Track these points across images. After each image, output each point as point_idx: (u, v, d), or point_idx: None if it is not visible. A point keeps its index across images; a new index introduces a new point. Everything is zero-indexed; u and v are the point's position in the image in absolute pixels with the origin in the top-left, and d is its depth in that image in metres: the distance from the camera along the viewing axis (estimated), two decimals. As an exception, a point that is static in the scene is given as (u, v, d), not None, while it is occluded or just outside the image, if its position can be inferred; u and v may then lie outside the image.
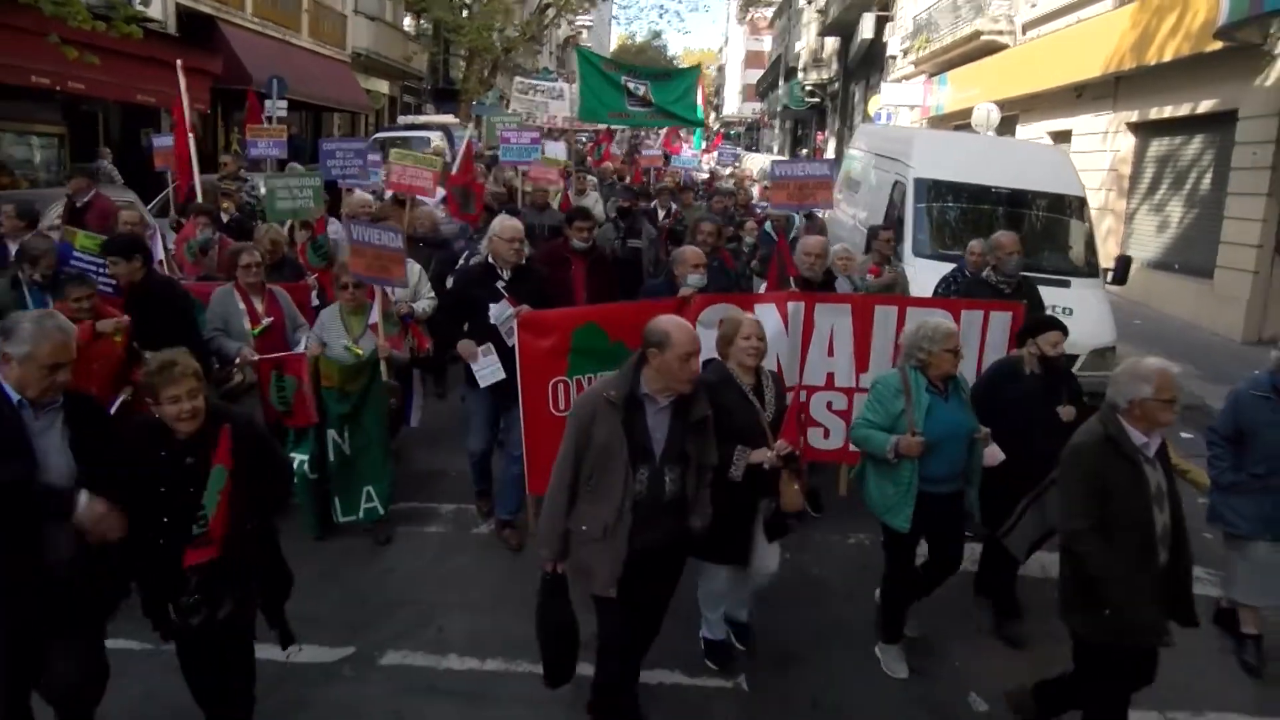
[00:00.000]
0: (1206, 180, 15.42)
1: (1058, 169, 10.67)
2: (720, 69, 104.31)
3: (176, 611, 3.70)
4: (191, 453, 3.66)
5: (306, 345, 6.21)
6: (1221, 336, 13.76)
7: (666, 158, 19.54)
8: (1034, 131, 21.91)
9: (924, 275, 9.07)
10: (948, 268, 9.01)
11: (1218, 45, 13.44)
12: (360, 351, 6.14)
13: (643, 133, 25.56)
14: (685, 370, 3.97)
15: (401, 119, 30.14)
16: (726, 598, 5.12)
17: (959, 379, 5.11)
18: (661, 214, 12.22)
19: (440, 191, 10.70)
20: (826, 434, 6.52)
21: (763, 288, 7.42)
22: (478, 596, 5.79)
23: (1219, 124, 14.75)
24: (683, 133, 22.35)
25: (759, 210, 13.51)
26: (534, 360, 5.79)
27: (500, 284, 6.18)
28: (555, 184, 12.33)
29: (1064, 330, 5.52)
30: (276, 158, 12.55)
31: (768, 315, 6.09)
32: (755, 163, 30.46)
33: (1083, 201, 10.32)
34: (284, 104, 21.11)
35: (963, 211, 10.30)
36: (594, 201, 12.69)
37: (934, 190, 10.29)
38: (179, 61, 8.02)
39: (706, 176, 20.90)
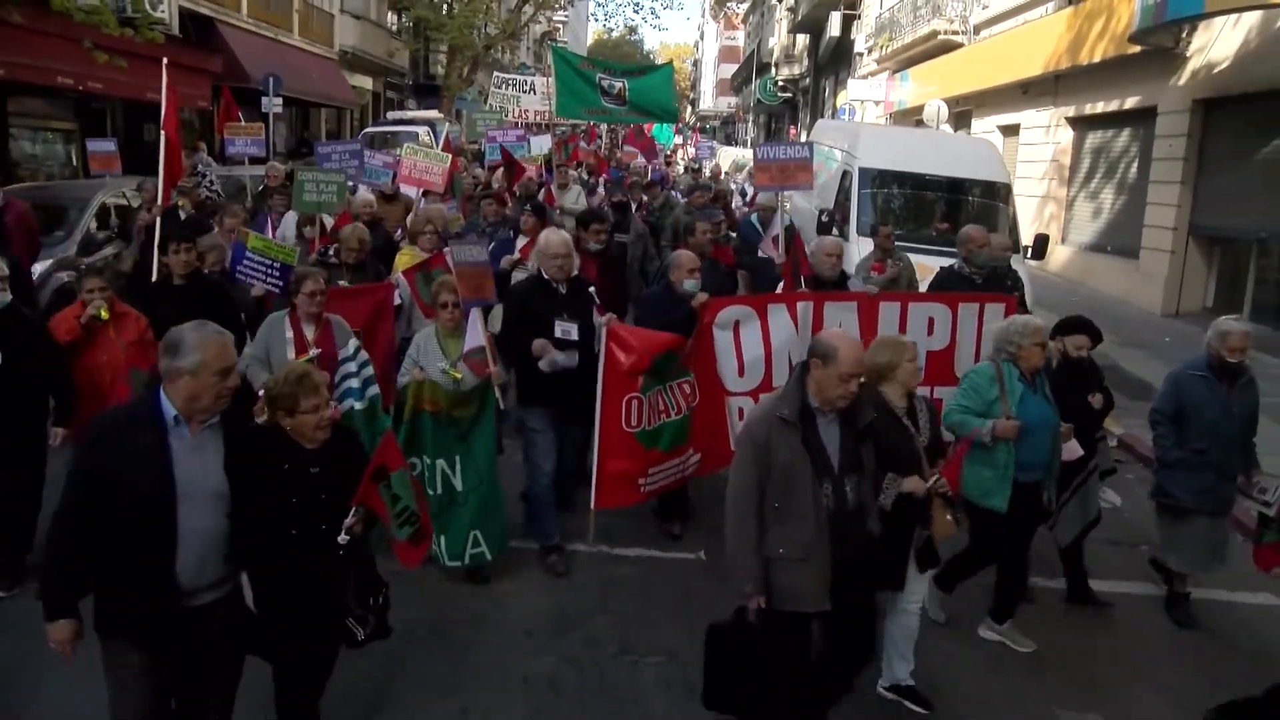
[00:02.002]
0: (1133, 170, 16.96)
1: (985, 159, 12.10)
2: (696, 63, 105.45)
3: (356, 619, 3.84)
4: (316, 463, 3.73)
5: (404, 372, 5.86)
6: (1144, 310, 15.25)
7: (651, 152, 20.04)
8: (986, 125, 23.43)
9: (868, 252, 10.44)
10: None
11: (1138, 48, 14.92)
12: (459, 375, 5.77)
13: (620, 129, 26.39)
14: (842, 389, 3.94)
15: (390, 114, 31.18)
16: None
17: (1041, 375, 5.31)
18: (634, 207, 12.67)
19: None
20: None
21: (780, 286, 7.33)
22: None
23: (1142, 119, 16.29)
24: (650, 131, 22.53)
25: (740, 209, 14.42)
26: (615, 374, 5.78)
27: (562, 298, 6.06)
28: (533, 179, 12.61)
29: (1094, 335, 5.86)
30: (253, 155, 12.72)
31: (779, 317, 6.22)
32: (728, 156, 31.76)
33: (1007, 188, 11.75)
34: (279, 100, 22.26)
35: (902, 196, 11.71)
36: (575, 195, 13.22)
37: (877, 178, 11.67)
38: (165, 60, 8.06)
39: (690, 171, 21.57)
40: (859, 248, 10.71)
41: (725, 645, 4.20)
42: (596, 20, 63.66)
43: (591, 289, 6.25)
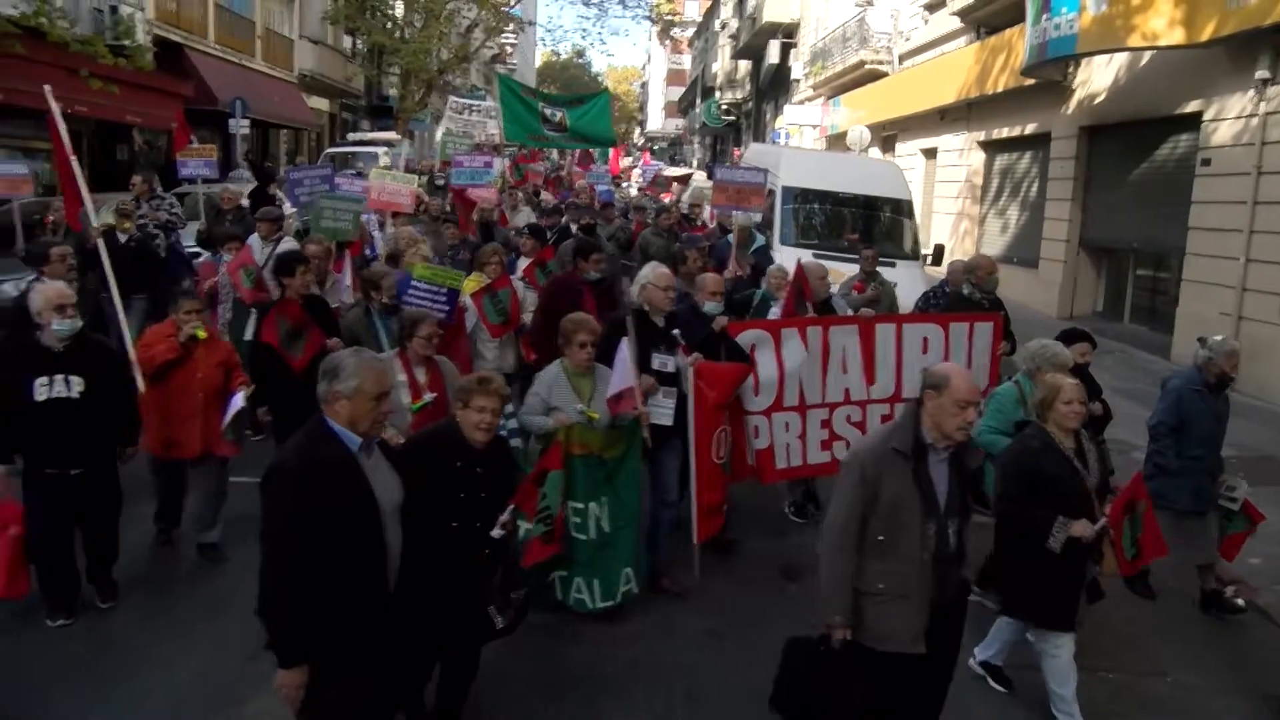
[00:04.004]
0: (1034, 189, 18.83)
1: (891, 178, 13.80)
2: (644, 85, 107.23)
3: (498, 609, 4.15)
4: (481, 464, 4.06)
5: (528, 410, 5.69)
6: (1042, 314, 16.99)
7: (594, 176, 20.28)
8: (910, 148, 25.31)
9: (789, 259, 11.92)
10: (805, 253, 11.99)
11: (1031, 81, 16.75)
12: (596, 415, 5.59)
13: (558, 155, 26.81)
14: (960, 418, 3.84)
15: (351, 135, 32.35)
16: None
17: None
18: (573, 227, 12.43)
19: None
20: (848, 445, 6.39)
21: (775, 310, 7.46)
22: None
23: (1039, 143, 18.18)
24: (595, 152, 23.08)
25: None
26: (704, 408, 5.91)
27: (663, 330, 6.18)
28: (493, 202, 12.69)
29: (1093, 342, 6.34)
30: (206, 177, 12.79)
31: (792, 340, 6.30)
32: (695, 182, 33.16)
33: (910, 204, 13.42)
34: (246, 123, 23.45)
35: (819, 211, 13.30)
36: (526, 216, 13.51)
37: (798, 196, 13.25)
38: (47, 88, 7.29)
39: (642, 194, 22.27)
40: (781, 257, 12.25)
41: (801, 663, 4.08)
42: (544, 44, 65.13)
43: (676, 331, 6.18)
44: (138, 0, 21.14)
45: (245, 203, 14.14)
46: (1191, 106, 13.29)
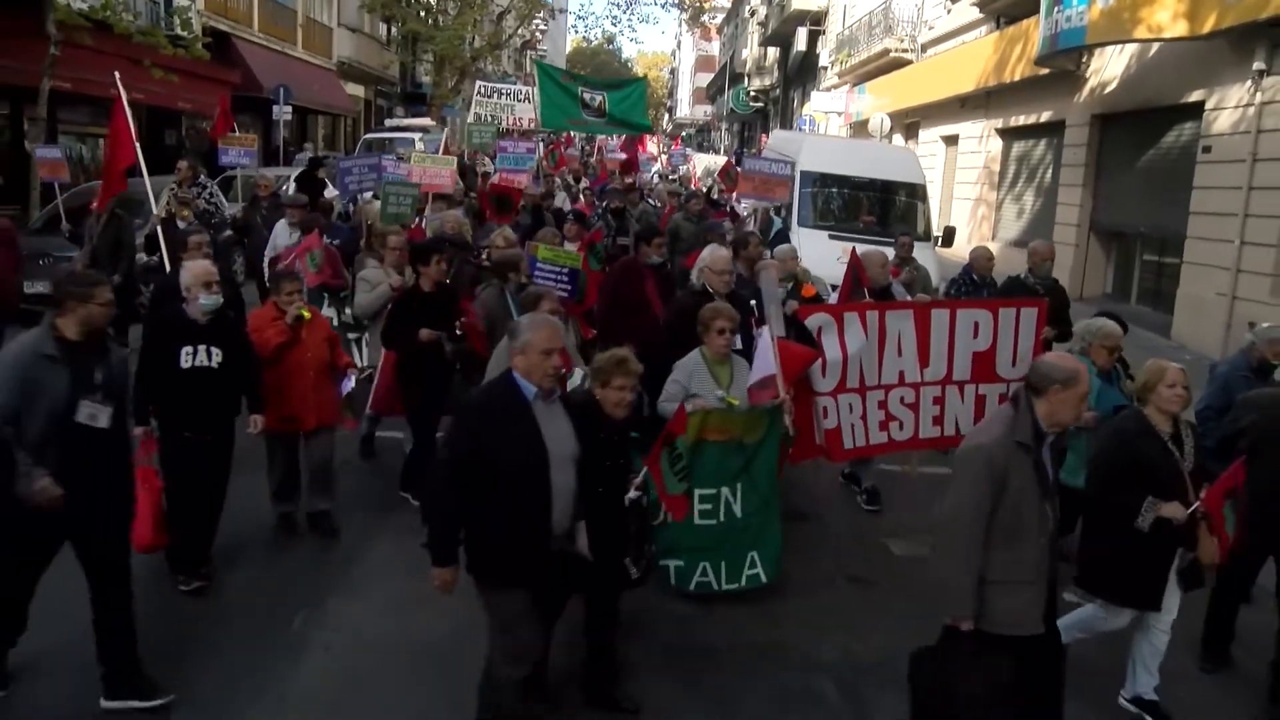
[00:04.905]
0: (1048, 175, 19.44)
1: (906, 164, 14.51)
2: (673, 72, 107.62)
3: (633, 560, 4.53)
4: (616, 432, 4.50)
5: (668, 398, 5.78)
6: (1054, 296, 17.65)
7: (627, 163, 20.69)
8: (931, 135, 25.92)
9: (806, 239, 12.67)
10: (822, 234, 12.78)
11: (1046, 70, 17.37)
12: (735, 401, 5.71)
13: (599, 139, 27.24)
14: (1079, 410, 4.09)
15: (388, 122, 33.27)
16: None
17: (1118, 369, 5.89)
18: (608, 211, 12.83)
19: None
20: (901, 425, 6.71)
21: (834, 297, 7.67)
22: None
23: (1054, 131, 18.79)
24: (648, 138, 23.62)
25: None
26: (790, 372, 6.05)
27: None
28: (526, 186, 12.86)
29: (1125, 326, 6.48)
30: (245, 165, 13.50)
31: (854, 325, 6.40)
32: (701, 162, 33.94)
33: (924, 188, 14.12)
34: (289, 109, 24.40)
35: (837, 195, 14.03)
36: (561, 201, 13.89)
37: (816, 180, 13.98)
38: (116, 74, 8.28)
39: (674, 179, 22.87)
40: (799, 238, 13.01)
41: (930, 673, 4.12)
42: (575, 31, 65.79)
43: (754, 302, 6.53)
44: (189, -8, 22.23)
45: (291, 187, 14.77)
46: (1194, 96, 13.90)
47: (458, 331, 6.68)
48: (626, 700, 4.71)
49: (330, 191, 15.87)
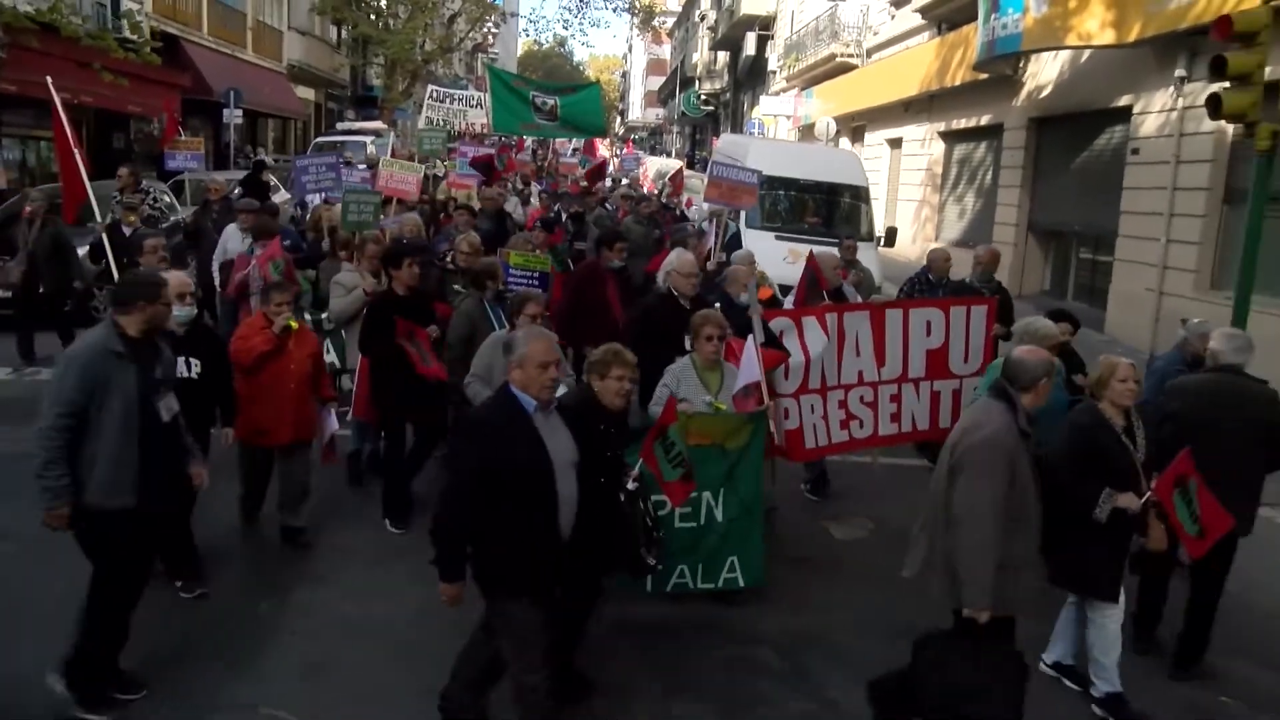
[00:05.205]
0: (988, 177, 20.04)
1: (850, 166, 14.97)
2: (625, 75, 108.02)
3: (646, 548, 4.70)
4: (616, 425, 4.63)
5: (656, 402, 5.82)
6: (994, 294, 18.22)
7: (599, 168, 20.75)
8: (877, 139, 26.51)
9: (753, 240, 13.02)
10: (769, 235, 13.15)
11: (985, 75, 17.93)
12: (723, 406, 5.81)
13: (552, 143, 27.14)
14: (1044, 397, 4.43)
15: (339, 125, 33.21)
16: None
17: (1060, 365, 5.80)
18: (562, 215, 13.28)
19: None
20: (861, 424, 6.89)
21: (790, 300, 7.84)
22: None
23: (993, 134, 19.38)
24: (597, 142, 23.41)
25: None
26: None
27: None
28: (473, 190, 13.10)
29: (1075, 323, 6.82)
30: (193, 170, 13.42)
31: (814, 328, 6.56)
32: (652, 165, 34.23)
33: (866, 190, 14.56)
34: (240, 113, 24.37)
35: (784, 198, 14.42)
36: (514, 206, 13.58)
37: (764, 183, 14.29)
38: (48, 78, 8.36)
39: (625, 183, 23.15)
40: (747, 239, 13.35)
41: (939, 655, 4.26)
42: (527, 34, 65.84)
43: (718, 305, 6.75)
44: (137, -6, 22.11)
45: (237, 191, 14.46)
46: (1123, 100, 14.50)
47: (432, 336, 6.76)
48: (583, 673, 4.94)
49: (282, 195, 15.94)
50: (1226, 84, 8.12)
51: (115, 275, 7.79)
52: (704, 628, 5.67)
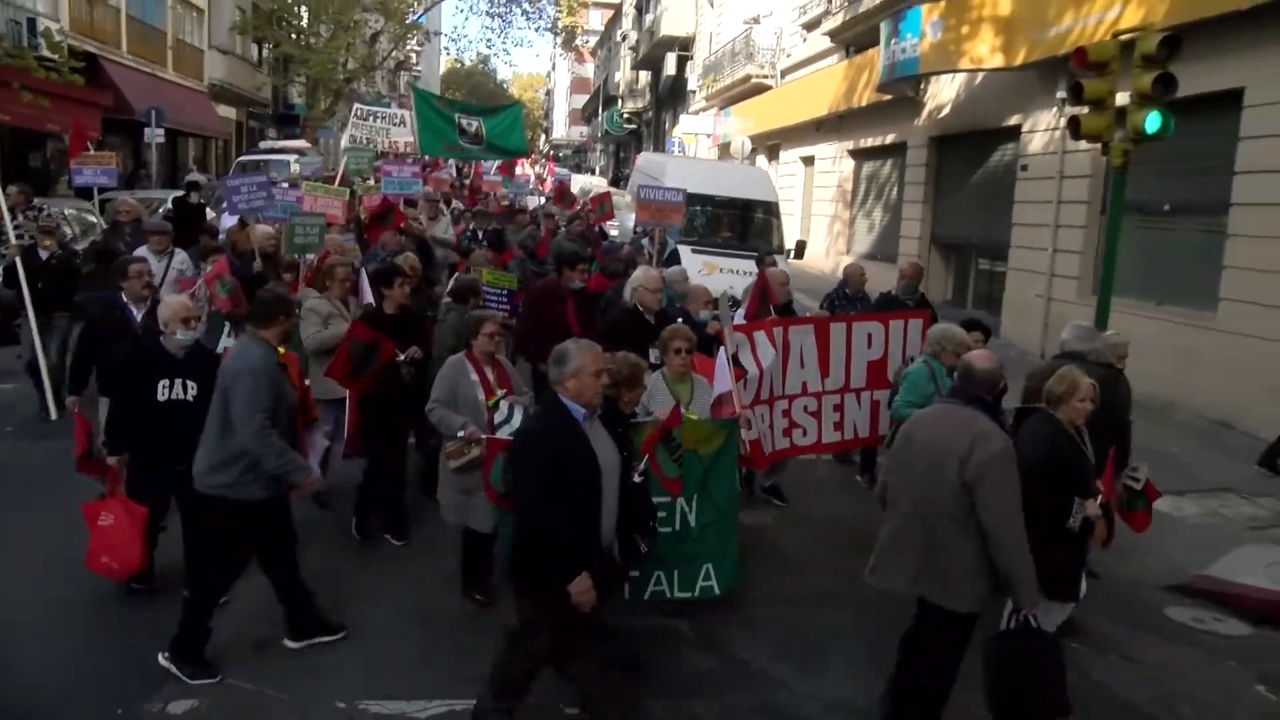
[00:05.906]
0: (894, 193, 21.06)
1: (761, 183, 15.83)
2: (549, 93, 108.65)
3: (641, 535, 4.82)
4: (626, 426, 4.98)
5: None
6: (902, 304, 19.18)
7: (505, 183, 21.38)
8: (791, 156, 27.49)
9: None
10: (686, 249, 13.83)
11: (888, 96, 18.94)
12: (694, 416, 5.88)
13: (461, 164, 26.94)
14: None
15: (262, 144, 33.06)
16: None
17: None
18: (479, 233, 13.49)
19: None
20: (805, 432, 7.27)
21: (740, 314, 8.12)
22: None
23: (897, 152, 20.41)
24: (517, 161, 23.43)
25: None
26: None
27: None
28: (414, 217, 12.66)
29: (987, 331, 7.39)
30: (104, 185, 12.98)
31: (764, 343, 6.83)
32: (576, 183, 34.81)
33: (777, 205, 15.42)
34: (161, 132, 24.29)
35: (700, 213, 15.13)
36: (444, 226, 13.74)
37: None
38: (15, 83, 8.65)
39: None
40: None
41: (1011, 656, 4.47)
42: (449, 53, 66.15)
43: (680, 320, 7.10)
44: (52, 11, 22.00)
45: (166, 210, 14.48)
46: (1014, 120, 15.54)
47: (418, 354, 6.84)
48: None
49: (226, 218, 15.68)
50: (1085, 108, 9.00)
51: (27, 299, 8.23)
52: (624, 604, 5.86)
